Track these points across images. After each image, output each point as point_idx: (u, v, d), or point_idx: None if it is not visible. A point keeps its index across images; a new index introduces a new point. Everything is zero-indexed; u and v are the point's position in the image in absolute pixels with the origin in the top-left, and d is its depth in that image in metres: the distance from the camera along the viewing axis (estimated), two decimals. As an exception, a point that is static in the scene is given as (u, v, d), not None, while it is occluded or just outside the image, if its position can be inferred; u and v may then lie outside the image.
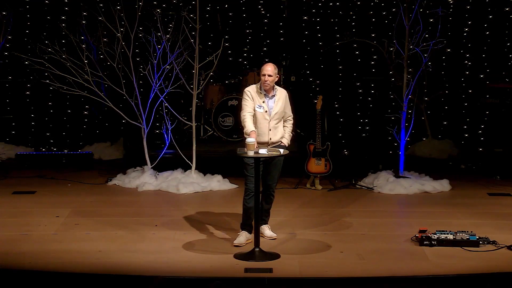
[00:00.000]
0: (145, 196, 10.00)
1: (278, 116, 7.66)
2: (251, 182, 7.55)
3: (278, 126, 7.69)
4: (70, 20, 11.87)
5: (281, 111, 7.68)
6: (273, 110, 7.63)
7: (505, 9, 12.29)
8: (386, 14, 12.38)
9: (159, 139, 11.19)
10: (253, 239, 7.40)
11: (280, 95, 7.68)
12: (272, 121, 7.63)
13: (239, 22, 12.91)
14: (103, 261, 7.14)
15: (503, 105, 11.84)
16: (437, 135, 12.52)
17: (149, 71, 10.35)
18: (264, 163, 7.61)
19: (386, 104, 12.44)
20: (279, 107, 7.65)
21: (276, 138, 7.66)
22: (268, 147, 7.53)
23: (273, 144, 7.64)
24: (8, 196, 9.82)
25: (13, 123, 12.85)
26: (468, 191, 10.23)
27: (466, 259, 7.23)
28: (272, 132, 7.63)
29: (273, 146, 7.60)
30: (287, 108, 7.75)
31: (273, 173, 7.70)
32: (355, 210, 9.23)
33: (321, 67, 12.97)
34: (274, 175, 7.71)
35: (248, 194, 7.62)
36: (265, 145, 7.58)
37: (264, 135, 7.61)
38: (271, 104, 7.63)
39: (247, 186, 7.63)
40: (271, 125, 7.62)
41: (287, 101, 7.75)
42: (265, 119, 7.61)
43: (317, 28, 12.88)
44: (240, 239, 7.63)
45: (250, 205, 7.61)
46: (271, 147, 7.57)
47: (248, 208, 7.64)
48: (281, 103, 7.67)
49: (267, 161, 7.62)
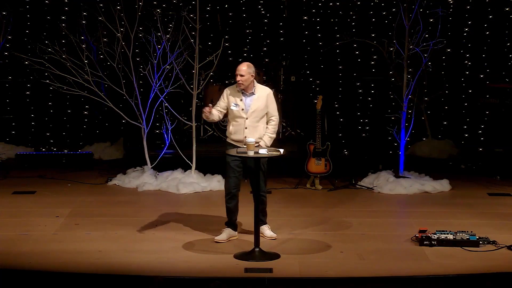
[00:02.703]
0: (145, 196, 10.00)
1: (257, 114, 7.57)
2: (229, 182, 7.63)
3: (258, 126, 7.59)
4: (70, 20, 11.86)
5: (261, 110, 7.59)
6: (251, 108, 7.56)
7: (505, 9, 12.28)
8: (386, 14, 12.37)
9: (159, 139, 11.20)
10: (254, 238, 7.40)
11: (260, 93, 7.61)
12: (250, 119, 7.55)
13: (239, 22, 12.91)
14: (103, 261, 7.14)
15: (503, 105, 11.84)
16: (437, 135, 12.52)
17: (149, 71, 10.35)
18: (246, 164, 7.59)
19: (386, 104, 12.44)
20: (258, 105, 7.57)
21: (253, 137, 7.50)
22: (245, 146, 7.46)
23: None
24: (8, 196, 9.82)
25: (13, 123, 12.84)
26: (468, 191, 10.23)
27: (466, 259, 7.23)
28: (249, 130, 7.55)
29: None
30: (270, 107, 7.65)
31: (255, 174, 7.56)
32: (355, 210, 9.23)
33: (321, 67, 12.97)
34: (256, 176, 7.55)
35: (227, 195, 7.68)
36: (241, 143, 7.55)
37: (239, 132, 7.58)
38: (249, 102, 7.58)
39: (227, 186, 7.69)
40: (247, 123, 7.55)
41: (270, 100, 7.66)
42: (241, 117, 7.56)
43: (317, 28, 12.87)
44: (222, 236, 7.70)
45: (230, 205, 7.70)
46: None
47: (228, 207, 7.72)
48: (261, 101, 7.58)
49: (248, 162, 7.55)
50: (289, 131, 12.39)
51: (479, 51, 12.49)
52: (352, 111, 12.92)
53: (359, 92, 12.94)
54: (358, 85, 12.94)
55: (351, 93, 12.95)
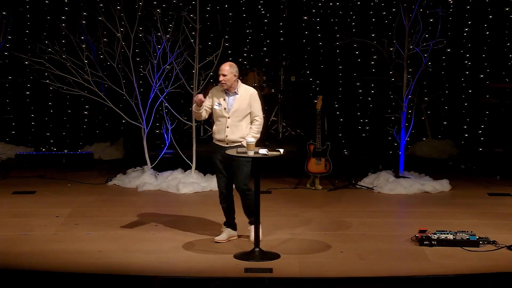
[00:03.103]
0: (145, 196, 10.00)
1: (239, 114, 7.53)
2: (219, 183, 7.69)
3: (240, 125, 7.55)
4: (70, 20, 11.86)
5: (243, 109, 7.54)
6: (233, 107, 7.53)
7: (505, 9, 12.28)
8: (386, 14, 12.36)
9: (159, 139, 11.19)
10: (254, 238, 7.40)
11: (243, 93, 7.57)
12: (232, 118, 7.53)
13: (239, 22, 12.91)
14: (103, 261, 7.14)
15: (503, 105, 11.84)
16: (437, 135, 12.52)
17: (149, 71, 10.35)
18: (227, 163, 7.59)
19: (386, 104, 12.43)
20: (240, 105, 7.53)
21: (234, 136, 7.52)
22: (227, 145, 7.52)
23: (232, 143, 7.53)
24: (8, 196, 9.82)
25: (13, 123, 12.84)
26: (468, 191, 10.23)
27: (466, 259, 7.23)
28: (230, 129, 7.53)
29: (232, 146, 7.51)
30: (254, 107, 7.59)
31: (236, 174, 7.59)
32: (355, 210, 9.23)
33: (321, 67, 12.97)
34: (237, 176, 7.58)
35: (219, 195, 7.76)
36: (223, 142, 7.56)
37: (221, 132, 7.57)
38: (231, 101, 7.56)
39: (218, 187, 7.76)
40: (229, 123, 7.53)
41: (254, 100, 7.59)
42: (223, 116, 7.55)
43: (317, 28, 12.87)
44: (222, 236, 7.74)
45: (223, 205, 7.78)
46: (229, 146, 7.51)
47: (223, 208, 7.80)
48: (244, 101, 7.55)
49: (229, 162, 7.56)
50: (289, 131, 12.39)
51: (479, 51, 12.49)
52: (352, 111, 12.92)
53: (359, 92, 12.94)
54: (358, 85, 12.94)
55: (351, 93, 12.94)
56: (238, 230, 7.91)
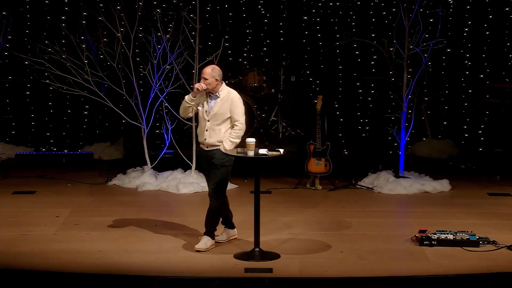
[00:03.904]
0: (145, 196, 10.00)
1: (218, 117, 7.42)
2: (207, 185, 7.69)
3: (219, 129, 7.43)
4: (70, 20, 11.86)
5: (222, 113, 7.42)
6: (213, 110, 7.43)
7: (505, 9, 12.28)
8: (386, 14, 12.36)
9: (159, 139, 11.19)
10: (254, 238, 7.40)
11: (224, 97, 7.44)
12: (211, 121, 7.44)
13: (239, 22, 12.91)
14: (103, 261, 7.14)
15: (503, 105, 11.83)
16: (437, 135, 12.51)
17: (149, 71, 10.35)
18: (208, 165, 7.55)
19: (386, 104, 12.43)
20: (220, 108, 7.41)
21: (212, 140, 7.42)
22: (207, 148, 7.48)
23: (210, 146, 7.46)
24: (8, 196, 9.82)
25: (13, 123, 12.84)
26: (468, 191, 10.23)
27: (466, 259, 7.24)
28: (209, 133, 7.44)
29: (212, 149, 7.45)
30: (234, 112, 7.43)
31: (210, 176, 7.58)
32: (355, 210, 9.23)
33: (321, 67, 12.96)
34: (210, 179, 7.58)
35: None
36: (203, 145, 7.53)
37: (201, 134, 7.53)
38: (212, 104, 7.46)
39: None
40: (208, 126, 7.44)
41: (235, 105, 7.44)
42: (204, 118, 7.50)
43: (317, 28, 12.87)
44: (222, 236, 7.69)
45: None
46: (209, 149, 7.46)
47: None
48: (224, 105, 7.42)
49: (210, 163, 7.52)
50: (289, 131, 12.39)
51: (479, 51, 12.48)
52: (352, 111, 12.91)
53: (359, 92, 12.93)
54: (358, 85, 12.93)
55: (351, 93, 12.94)
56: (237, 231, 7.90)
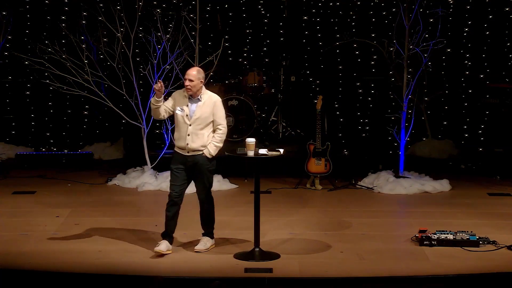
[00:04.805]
0: (145, 196, 10.00)
1: (201, 121, 7.27)
2: (172, 189, 7.36)
3: (202, 133, 7.28)
4: (70, 20, 11.86)
5: (205, 117, 7.28)
6: (195, 114, 7.27)
7: (505, 9, 12.28)
8: (386, 14, 12.37)
9: (159, 139, 11.19)
10: (254, 238, 7.40)
11: (207, 100, 7.32)
12: (193, 126, 7.27)
13: (239, 22, 12.91)
14: (103, 261, 7.14)
15: (503, 105, 11.83)
16: (437, 135, 12.52)
17: (149, 71, 10.35)
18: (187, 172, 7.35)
19: (386, 104, 12.43)
20: (203, 112, 7.28)
21: (195, 145, 7.25)
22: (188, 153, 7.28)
23: (192, 152, 7.28)
24: (8, 196, 9.82)
25: (13, 123, 12.84)
26: (468, 191, 10.23)
27: (466, 259, 7.23)
28: (191, 138, 7.26)
29: (194, 155, 7.28)
30: (217, 115, 7.32)
31: (197, 183, 7.42)
32: (355, 210, 9.23)
33: (321, 67, 12.97)
34: (199, 185, 7.41)
35: (169, 202, 7.40)
36: (184, 150, 7.30)
37: (182, 139, 7.30)
38: (194, 108, 7.30)
39: (169, 193, 7.41)
40: (190, 130, 7.27)
41: (218, 108, 7.33)
42: (185, 123, 7.29)
43: (317, 28, 12.87)
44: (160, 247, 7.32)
45: (169, 213, 7.39)
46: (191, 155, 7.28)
47: (167, 216, 7.40)
48: (207, 109, 7.29)
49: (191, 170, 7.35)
50: (289, 131, 12.39)
51: (479, 51, 12.48)
52: (352, 111, 12.92)
53: (359, 92, 12.94)
54: (358, 85, 12.94)
55: (351, 93, 12.94)
56: (236, 232, 7.89)
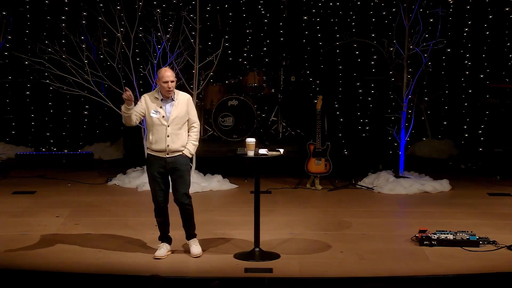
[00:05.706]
0: (145, 196, 9.96)
1: (178, 121, 7.19)
2: (157, 196, 7.29)
3: (180, 133, 7.22)
4: (70, 20, 11.86)
5: (182, 116, 7.21)
6: (172, 114, 7.20)
7: (505, 9, 12.28)
8: (386, 14, 12.37)
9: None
10: (254, 238, 7.40)
11: (180, 99, 7.26)
12: (172, 126, 7.19)
13: (239, 22, 12.91)
14: (103, 261, 7.14)
15: (503, 105, 11.83)
16: (437, 135, 12.52)
17: (149, 71, 10.35)
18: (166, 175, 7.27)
19: (386, 104, 12.43)
20: (179, 111, 7.23)
21: (175, 145, 7.17)
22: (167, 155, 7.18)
23: (172, 153, 7.18)
24: (8, 196, 9.82)
25: (13, 123, 12.85)
26: (468, 191, 10.23)
27: (466, 259, 7.23)
28: (171, 138, 7.16)
29: (173, 156, 7.19)
30: (191, 113, 7.27)
31: (176, 185, 7.30)
32: (355, 210, 9.23)
33: (321, 67, 12.97)
34: (178, 188, 7.28)
35: (156, 208, 7.37)
36: (163, 153, 7.20)
37: (161, 141, 7.17)
38: (169, 108, 7.23)
39: (154, 200, 7.35)
40: (169, 131, 7.18)
41: (191, 106, 7.28)
42: (162, 124, 7.19)
43: (317, 28, 12.87)
44: (160, 252, 7.33)
45: (159, 218, 7.40)
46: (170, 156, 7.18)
47: (158, 222, 7.44)
48: (182, 107, 7.24)
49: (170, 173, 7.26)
50: (289, 131, 12.39)
51: (479, 51, 12.48)
52: (352, 111, 12.92)
53: (359, 92, 12.94)
54: (358, 85, 12.94)
55: (351, 93, 12.94)
56: (236, 232, 7.90)
